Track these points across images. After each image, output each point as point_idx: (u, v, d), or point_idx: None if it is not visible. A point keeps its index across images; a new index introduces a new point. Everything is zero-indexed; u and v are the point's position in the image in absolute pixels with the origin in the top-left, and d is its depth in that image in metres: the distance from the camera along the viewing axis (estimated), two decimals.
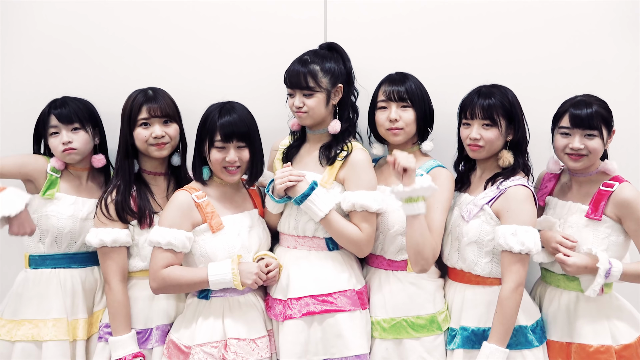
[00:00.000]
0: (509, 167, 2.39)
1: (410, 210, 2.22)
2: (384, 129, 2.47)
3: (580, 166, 2.35)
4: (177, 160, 2.53)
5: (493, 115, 2.35)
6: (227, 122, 2.30)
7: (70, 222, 2.47)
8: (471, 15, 2.74)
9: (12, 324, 2.44)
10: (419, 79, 2.48)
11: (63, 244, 2.48)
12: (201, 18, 2.78)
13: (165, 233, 2.26)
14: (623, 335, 2.35)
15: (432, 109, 2.50)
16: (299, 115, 2.41)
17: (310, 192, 2.32)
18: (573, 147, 2.32)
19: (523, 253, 2.24)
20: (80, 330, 2.47)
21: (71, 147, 2.46)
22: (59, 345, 2.41)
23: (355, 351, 2.33)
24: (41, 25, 2.78)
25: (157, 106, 2.42)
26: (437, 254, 2.32)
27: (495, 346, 2.23)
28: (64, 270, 2.49)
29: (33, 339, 2.41)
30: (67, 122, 2.46)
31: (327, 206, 2.32)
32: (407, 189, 2.18)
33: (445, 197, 2.37)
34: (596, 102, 2.34)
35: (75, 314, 2.47)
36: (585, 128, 2.31)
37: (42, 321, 2.42)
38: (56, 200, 2.47)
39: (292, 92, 2.41)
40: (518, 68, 2.72)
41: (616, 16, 2.73)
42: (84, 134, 2.49)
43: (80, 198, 2.51)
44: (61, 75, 2.78)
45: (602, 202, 2.33)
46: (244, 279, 2.26)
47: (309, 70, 2.36)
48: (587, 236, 2.33)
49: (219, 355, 2.27)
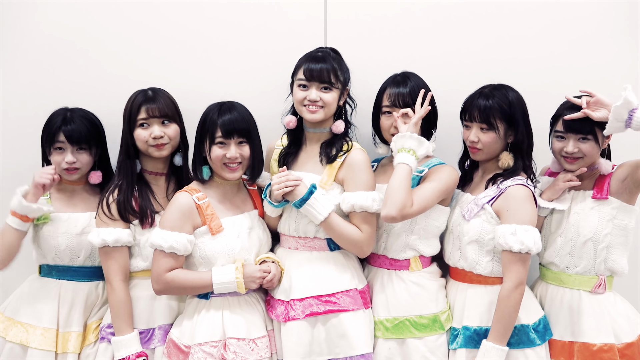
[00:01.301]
0: (509, 168, 2.39)
1: (398, 159, 2.30)
2: (389, 134, 2.47)
3: (576, 168, 2.38)
4: (179, 161, 2.54)
5: (490, 119, 2.35)
6: (228, 119, 2.31)
7: (65, 238, 2.47)
8: (472, 15, 2.75)
9: (9, 322, 2.46)
10: (422, 79, 2.47)
11: (65, 259, 2.49)
12: (201, 17, 2.78)
13: (168, 236, 2.26)
14: (626, 333, 2.35)
15: (435, 110, 2.50)
16: (311, 109, 2.38)
17: (309, 196, 2.31)
18: (567, 151, 2.36)
19: (523, 252, 2.24)
20: (72, 343, 2.45)
21: (74, 167, 2.47)
22: (43, 355, 2.41)
23: (360, 350, 2.32)
24: (42, 24, 2.79)
25: (156, 106, 2.43)
26: (406, 213, 2.26)
27: (491, 344, 2.24)
28: (67, 282, 2.50)
29: (21, 342, 2.42)
30: (74, 143, 2.47)
31: (326, 209, 2.32)
32: (398, 136, 2.30)
33: (441, 177, 2.37)
34: None
35: (68, 326, 2.46)
36: (578, 132, 2.34)
37: (32, 327, 2.43)
38: (50, 221, 2.48)
39: (307, 85, 2.38)
40: (520, 67, 2.72)
41: (617, 15, 2.74)
42: (87, 155, 2.51)
43: (74, 214, 2.51)
44: (61, 74, 2.79)
45: (606, 182, 2.35)
46: (247, 285, 2.29)
47: (331, 66, 2.37)
48: (593, 219, 2.34)
49: (218, 355, 2.27)
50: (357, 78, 2.53)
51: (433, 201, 2.35)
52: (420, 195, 2.31)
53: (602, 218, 2.34)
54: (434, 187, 2.34)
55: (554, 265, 2.43)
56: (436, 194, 2.35)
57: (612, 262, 2.36)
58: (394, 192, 2.25)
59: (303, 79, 2.38)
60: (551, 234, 2.43)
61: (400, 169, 2.29)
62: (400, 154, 2.31)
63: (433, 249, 2.48)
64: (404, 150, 2.31)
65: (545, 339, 2.37)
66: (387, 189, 2.28)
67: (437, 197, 2.36)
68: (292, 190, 2.32)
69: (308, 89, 2.38)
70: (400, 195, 2.24)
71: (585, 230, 2.34)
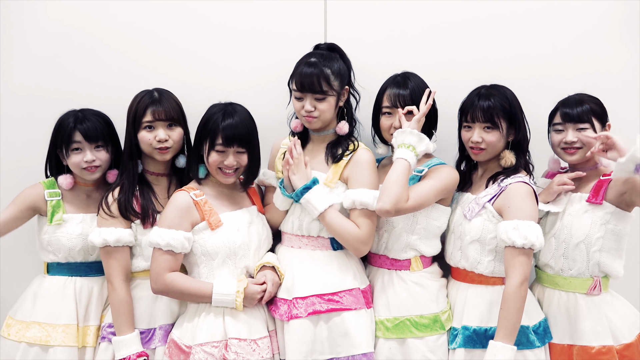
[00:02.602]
0: (511, 166, 2.39)
1: (397, 154, 2.31)
2: (389, 134, 2.46)
3: (576, 159, 2.38)
4: (183, 163, 2.52)
5: (494, 118, 2.35)
6: (229, 126, 2.30)
7: (81, 240, 2.48)
8: (472, 15, 2.73)
9: (21, 325, 2.46)
10: (422, 79, 2.46)
11: (78, 258, 2.51)
12: (202, 17, 2.77)
13: (164, 234, 2.27)
14: (623, 334, 2.35)
15: (436, 110, 2.49)
16: (308, 119, 2.39)
17: (312, 185, 2.33)
18: (566, 140, 2.36)
19: (526, 247, 2.22)
20: (91, 337, 2.48)
21: (94, 165, 2.47)
22: (67, 351, 2.43)
23: (362, 349, 2.33)
24: (45, 24, 2.79)
25: (162, 109, 2.41)
26: (400, 207, 2.25)
27: (501, 344, 2.20)
28: (80, 278, 2.51)
29: (40, 342, 2.43)
30: (92, 141, 2.46)
31: (325, 202, 2.33)
32: (399, 131, 2.32)
33: (440, 176, 2.37)
34: (587, 98, 2.40)
35: (87, 320, 2.49)
36: (576, 122, 2.35)
37: (52, 326, 2.44)
38: (64, 222, 2.49)
39: (301, 96, 2.38)
40: (518, 68, 2.71)
41: (617, 14, 2.72)
42: (105, 152, 2.50)
43: (88, 215, 2.52)
44: (62, 73, 2.78)
45: (603, 188, 2.34)
46: (246, 304, 2.31)
47: (322, 74, 2.34)
48: (586, 221, 2.33)
49: (219, 355, 2.27)
50: (357, 78, 2.53)
51: (430, 199, 2.34)
52: (417, 192, 2.31)
53: (594, 222, 2.33)
54: (432, 185, 2.34)
55: (550, 268, 2.43)
56: (434, 191, 2.34)
57: (605, 266, 2.35)
58: (389, 186, 2.25)
59: (296, 90, 2.38)
60: (545, 234, 2.41)
61: (398, 163, 2.29)
62: (400, 149, 2.31)
63: (434, 249, 2.48)
64: (403, 145, 2.31)
65: (545, 342, 2.37)
66: (384, 183, 2.29)
67: (434, 195, 2.35)
68: (297, 174, 2.34)
69: (303, 100, 2.38)
70: (396, 189, 2.24)
71: (577, 232, 2.34)
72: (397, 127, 2.41)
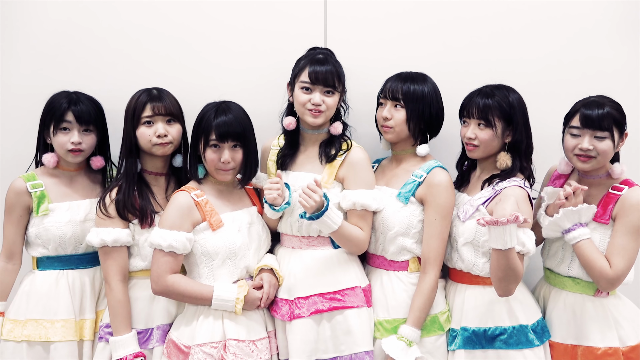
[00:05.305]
0: (507, 169, 2.36)
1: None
2: (379, 125, 2.48)
3: (588, 168, 2.31)
4: (180, 162, 2.53)
5: (488, 115, 2.33)
6: (223, 122, 2.31)
7: (71, 227, 2.47)
8: (472, 14, 2.73)
9: (16, 324, 2.45)
10: (433, 82, 2.44)
11: (68, 249, 2.50)
12: (201, 16, 2.78)
13: (167, 235, 2.27)
14: (629, 336, 2.32)
15: (437, 113, 2.45)
16: (314, 113, 2.38)
17: (327, 208, 2.25)
18: (582, 147, 2.28)
19: (522, 254, 2.20)
20: (88, 330, 2.48)
21: (79, 148, 2.47)
22: (68, 346, 2.43)
23: (364, 347, 2.32)
24: (44, 22, 2.80)
25: (162, 104, 2.42)
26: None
27: None
28: (72, 271, 2.50)
29: (40, 340, 2.42)
30: (83, 123, 2.47)
31: (340, 218, 2.29)
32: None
33: (442, 203, 2.35)
34: (609, 103, 2.29)
35: (82, 313, 2.48)
36: (595, 129, 2.27)
37: (50, 321, 2.43)
38: (51, 212, 2.48)
39: (311, 88, 2.38)
40: (519, 67, 2.70)
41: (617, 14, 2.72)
42: (92, 137, 2.51)
43: (74, 202, 2.51)
44: (61, 72, 2.78)
45: (611, 205, 2.29)
46: (246, 308, 2.30)
47: (335, 69, 2.38)
48: (595, 237, 2.29)
49: (218, 356, 2.26)
50: (357, 78, 2.53)
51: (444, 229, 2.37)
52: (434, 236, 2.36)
53: (603, 239, 2.30)
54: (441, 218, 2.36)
55: (557, 269, 2.40)
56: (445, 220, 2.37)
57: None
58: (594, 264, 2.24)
59: (307, 82, 2.37)
60: (553, 242, 2.40)
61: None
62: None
63: None
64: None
65: (544, 341, 2.34)
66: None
67: (446, 220, 2.37)
68: (309, 204, 2.23)
69: (311, 92, 2.37)
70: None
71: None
72: (384, 117, 2.41)
